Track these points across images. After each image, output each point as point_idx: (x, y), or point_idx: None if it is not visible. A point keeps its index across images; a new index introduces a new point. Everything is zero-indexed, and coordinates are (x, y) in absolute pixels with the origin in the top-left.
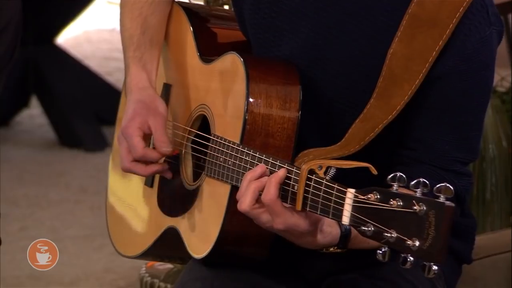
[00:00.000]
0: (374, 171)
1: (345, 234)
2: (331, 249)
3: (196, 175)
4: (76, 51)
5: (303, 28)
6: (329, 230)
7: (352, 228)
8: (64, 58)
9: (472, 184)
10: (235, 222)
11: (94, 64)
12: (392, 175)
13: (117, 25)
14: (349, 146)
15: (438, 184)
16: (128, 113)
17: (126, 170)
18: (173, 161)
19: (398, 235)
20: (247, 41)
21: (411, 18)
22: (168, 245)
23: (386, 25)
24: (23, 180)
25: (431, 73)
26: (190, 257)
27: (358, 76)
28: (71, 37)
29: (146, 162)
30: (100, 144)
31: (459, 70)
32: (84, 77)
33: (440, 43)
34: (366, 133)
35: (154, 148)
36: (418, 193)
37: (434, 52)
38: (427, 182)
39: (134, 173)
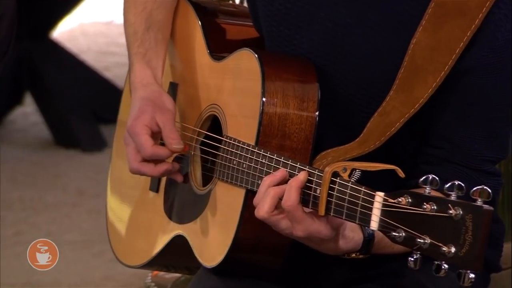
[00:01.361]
0: (402, 174)
1: (368, 239)
2: (353, 255)
3: (206, 179)
4: (71, 45)
5: (321, 20)
6: (351, 235)
7: (376, 233)
8: (59, 53)
9: (501, 184)
10: (250, 229)
11: (90, 58)
12: (424, 177)
13: (114, 18)
14: (369, 142)
15: (472, 186)
16: (134, 112)
17: (135, 172)
18: (181, 163)
19: (432, 241)
20: (260, 37)
21: (437, 7)
22: (175, 254)
23: (410, 15)
24: (17, 182)
25: (458, 66)
26: (197, 266)
27: (379, 69)
28: (66, 30)
29: (156, 161)
30: (98, 144)
31: (490, 63)
32: (80, 72)
33: (468, 34)
34: (386, 128)
35: (163, 145)
36: (453, 196)
37: (462, 43)
38: (462, 185)
39: (143, 174)
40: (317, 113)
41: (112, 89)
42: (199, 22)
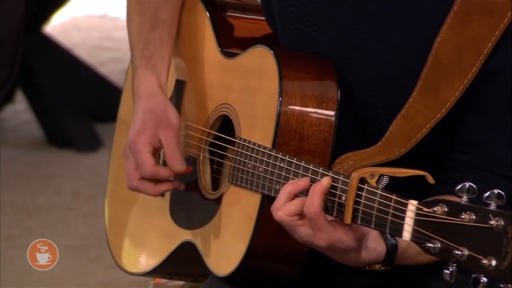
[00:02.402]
0: (432, 180)
1: (391, 250)
2: (376, 266)
3: (215, 182)
4: (64, 40)
5: (340, 17)
6: (374, 246)
7: (399, 244)
8: (52, 48)
9: None
10: (266, 237)
11: (84, 54)
12: (461, 185)
13: (108, 11)
14: (392, 148)
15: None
16: (136, 125)
17: (133, 189)
18: (189, 166)
19: (471, 252)
20: (273, 33)
21: (463, 4)
22: (181, 262)
23: (434, 12)
24: (8, 184)
25: (486, 67)
26: (202, 274)
27: (401, 70)
28: (58, 23)
29: (156, 180)
30: (93, 143)
31: None
32: (74, 68)
33: (496, 33)
34: (411, 133)
35: (165, 163)
36: (492, 206)
37: (490, 43)
38: (502, 194)
39: (142, 192)
40: (337, 113)
41: (107, 86)
42: (208, 16)
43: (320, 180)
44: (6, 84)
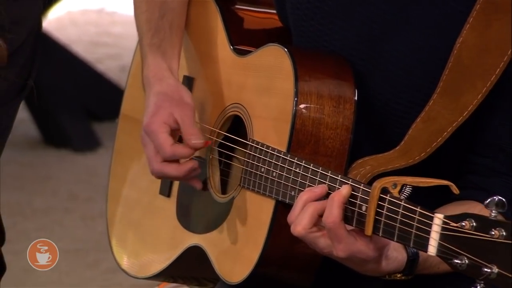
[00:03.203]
0: (456, 191)
1: (412, 259)
2: (397, 275)
3: (224, 185)
4: (60, 35)
5: (358, 15)
6: (394, 255)
7: (420, 252)
8: (48, 44)
9: None
10: (279, 244)
11: (80, 50)
12: (489, 199)
13: (105, 5)
14: (412, 152)
15: None
16: (149, 108)
17: (158, 173)
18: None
19: (501, 271)
20: (286, 29)
21: (486, 2)
22: (187, 266)
23: (456, 12)
24: (2, 186)
25: (510, 68)
26: (209, 278)
27: (421, 72)
28: (54, 18)
29: (178, 160)
30: (90, 143)
31: None
32: (71, 65)
33: None
34: (431, 137)
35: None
36: None
37: None
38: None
39: (167, 176)
40: (354, 116)
41: (105, 83)
42: (219, 11)
43: (338, 188)
44: (26, 85)
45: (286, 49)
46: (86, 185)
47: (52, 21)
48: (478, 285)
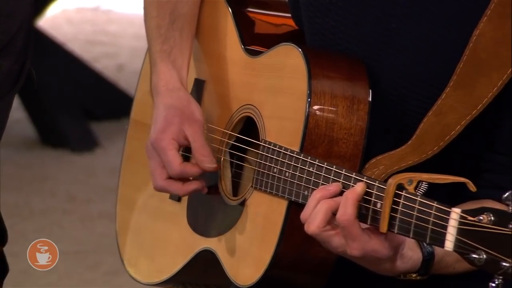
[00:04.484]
0: (473, 188)
1: (428, 258)
2: (413, 275)
3: (235, 187)
4: (55, 34)
5: (373, 10)
6: (409, 255)
7: (436, 251)
8: (44, 42)
9: None
10: (292, 245)
11: (76, 49)
12: (508, 193)
13: (100, 3)
14: (425, 146)
15: None
16: (159, 122)
17: (160, 189)
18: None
19: None
20: (298, 30)
21: None
22: (198, 271)
23: (473, 4)
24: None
25: None
26: (219, 285)
27: (436, 65)
28: (49, 17)
29: (183, 179)
30: (88, 143)
31: None
32: (67, 64)
33: None
34: (444, 131)
35: (187, 159)
36: None
37: None
38: None
39: (170, 192)
40: (368, 116)
41: (102, 82)
42: (231, 12)
43: (353, 186)
44: (20, 78)
45: (299, 48)
46: (84, 186)
47: (48, 19)
48: (496, 280)
